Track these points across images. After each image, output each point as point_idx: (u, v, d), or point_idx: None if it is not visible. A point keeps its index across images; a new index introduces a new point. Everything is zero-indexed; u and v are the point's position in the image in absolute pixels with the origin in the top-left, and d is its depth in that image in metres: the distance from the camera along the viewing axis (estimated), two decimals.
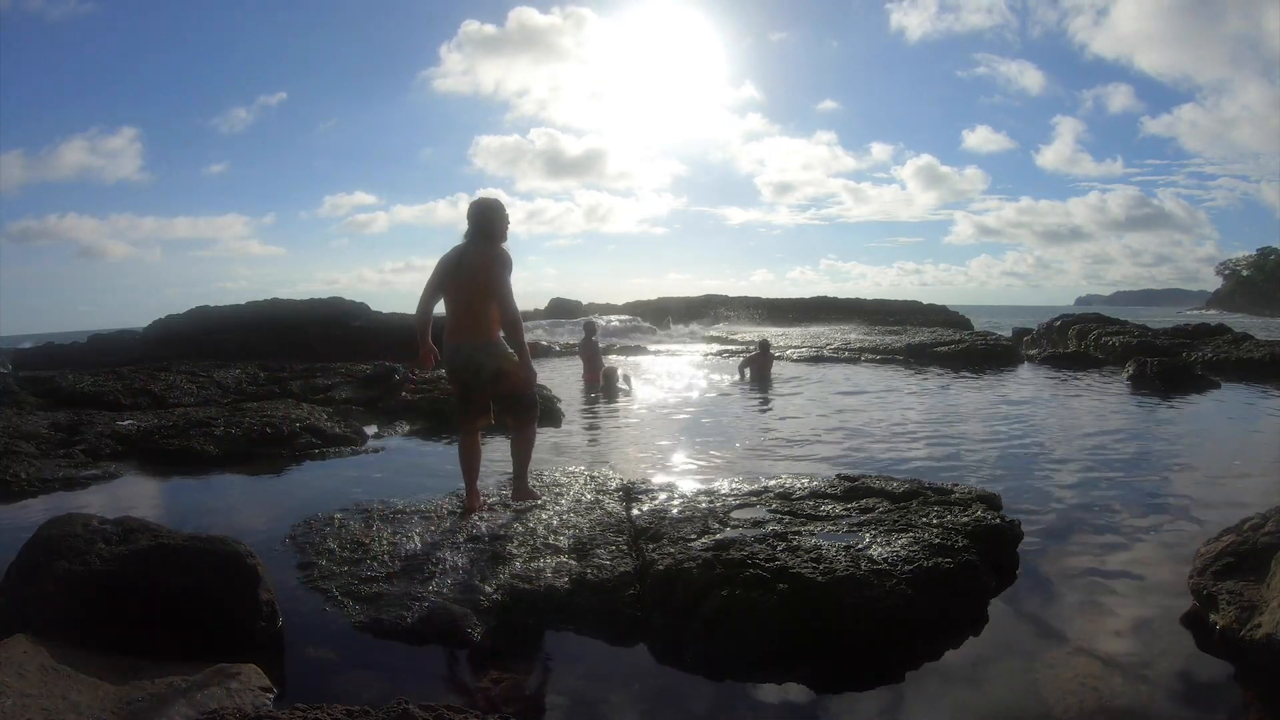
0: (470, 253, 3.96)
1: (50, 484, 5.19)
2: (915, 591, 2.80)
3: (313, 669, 2.64)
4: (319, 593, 3.14)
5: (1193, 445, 6.51)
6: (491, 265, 3.88)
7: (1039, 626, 2.91)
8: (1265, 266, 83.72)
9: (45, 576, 2.68)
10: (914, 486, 4.02)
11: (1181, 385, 10.27)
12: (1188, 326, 18.29)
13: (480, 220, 4.00)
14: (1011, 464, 5.64)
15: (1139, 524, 4.12)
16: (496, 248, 3.97)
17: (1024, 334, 20.01)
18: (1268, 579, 2.70)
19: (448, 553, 3.44)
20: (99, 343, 17.40)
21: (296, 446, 6.33)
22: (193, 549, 2.74)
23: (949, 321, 30.39)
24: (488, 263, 3.89)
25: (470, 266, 3.93)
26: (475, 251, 3.96)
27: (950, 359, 14.92)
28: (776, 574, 2.83)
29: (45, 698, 2.12)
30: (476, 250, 3.96)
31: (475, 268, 3.91)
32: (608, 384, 10.60)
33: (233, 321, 17.20)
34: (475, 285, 3.91)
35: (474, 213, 4.03)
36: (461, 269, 3.95)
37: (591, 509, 4.03)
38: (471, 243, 4.00)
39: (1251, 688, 2.45)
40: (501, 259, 3.92)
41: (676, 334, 25.62)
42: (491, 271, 3.87)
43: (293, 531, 3.86)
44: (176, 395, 8.92)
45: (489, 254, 3.92)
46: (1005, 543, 3.44)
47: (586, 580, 3.15)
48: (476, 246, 3.98)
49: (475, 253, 3.95)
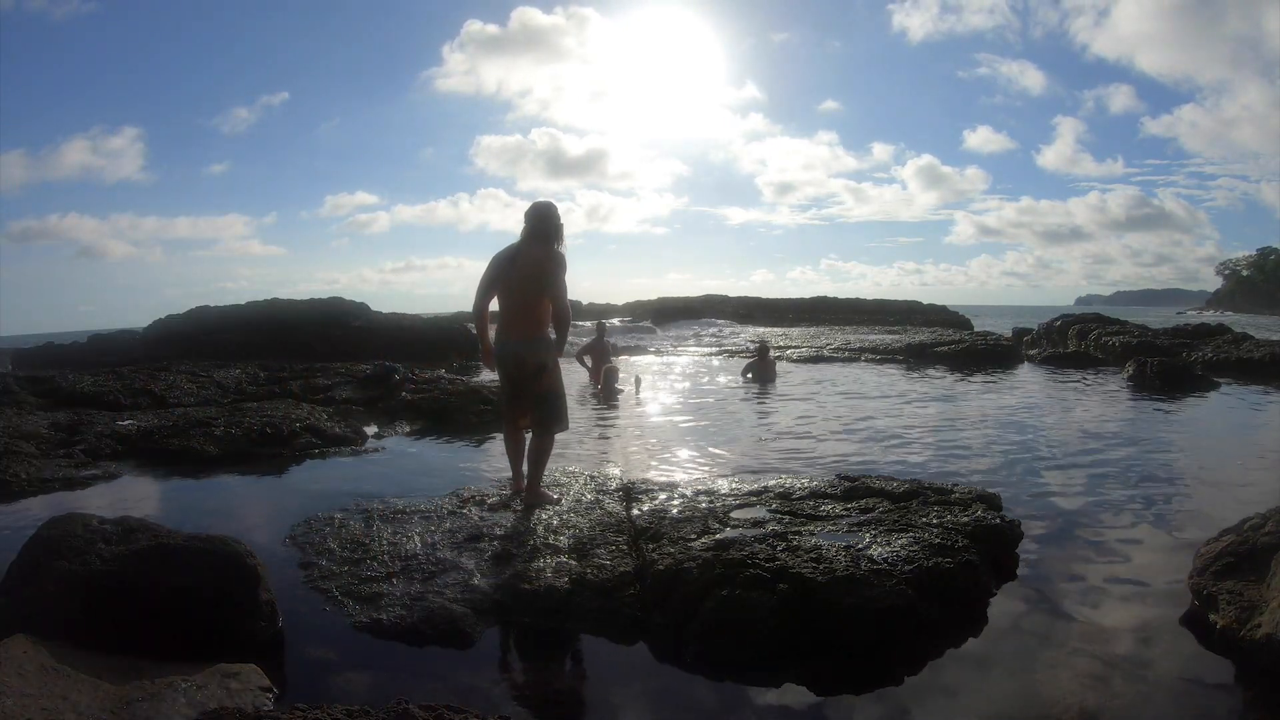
0: (525, 253, 4.12)
1: (50, 484, 5.19)
2: (915, 591, 2.80)
3: (313, 669, 2.64)
4: (319, 593, 3.14)
5: (1192, 445, 6.51)
6: (546, 264, 4.08)
7: (1039, 626, 2.91)
8: (1265, 266, 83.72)
9: (45, 576, 2.68)
10: (914, 486, 4.02)
11: (1181, 385, 10.27)
12: (1188, 326, 18.31)
13: (537, 222, 4.15)
14: (1011, 464, 5.64)
15: (1139, 524, 4.12)
16: (551, 249, 4.14)
17: (1024, 334, 20.01)
18: (1268, 579, 2.70)
19: (448, 553, 3.44)
20: (99, 343, 17.38)
21: (296, 446, 6.32)
22: (193, 549, 2.74)
23: (949, 321, 30.41)
24: (544, 262, 4.08)
25: (525, 266, 4.10)
26: (530, 252, 4.12)
27: (950, 359, 14.92)
28: (776, 574, 2.83)
29: (45, 698, 2.12)
30: (531, 251, 4.12)
31: (530, 267, 4.09)
32: (607, 384, 10.59)
33: (233, 321, 17.18)
34: (529, 284, 4.09)
35: (531, 215, 4.17)
36: (516, 268, 4.11)
37: (591, 509, 4.03)
38: (526, 243, 4.15)
39: (1251, 688, 2.45)
40: (557, 259, 4.11)
41: (676, 335, 25.64)
42: (546, 270, 4.07)
43: (293, 531, 3.87)
44: (176, 395, 8.92)
45: (545, 254, 4.11)
46: (1005, 543, 3.44)
47: (586, 580, 3.15)
48: (531, 247, 4.13)
49: (530, 253, 4.11)
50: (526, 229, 4.17)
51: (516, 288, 4.13)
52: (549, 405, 4.25)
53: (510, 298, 4.16)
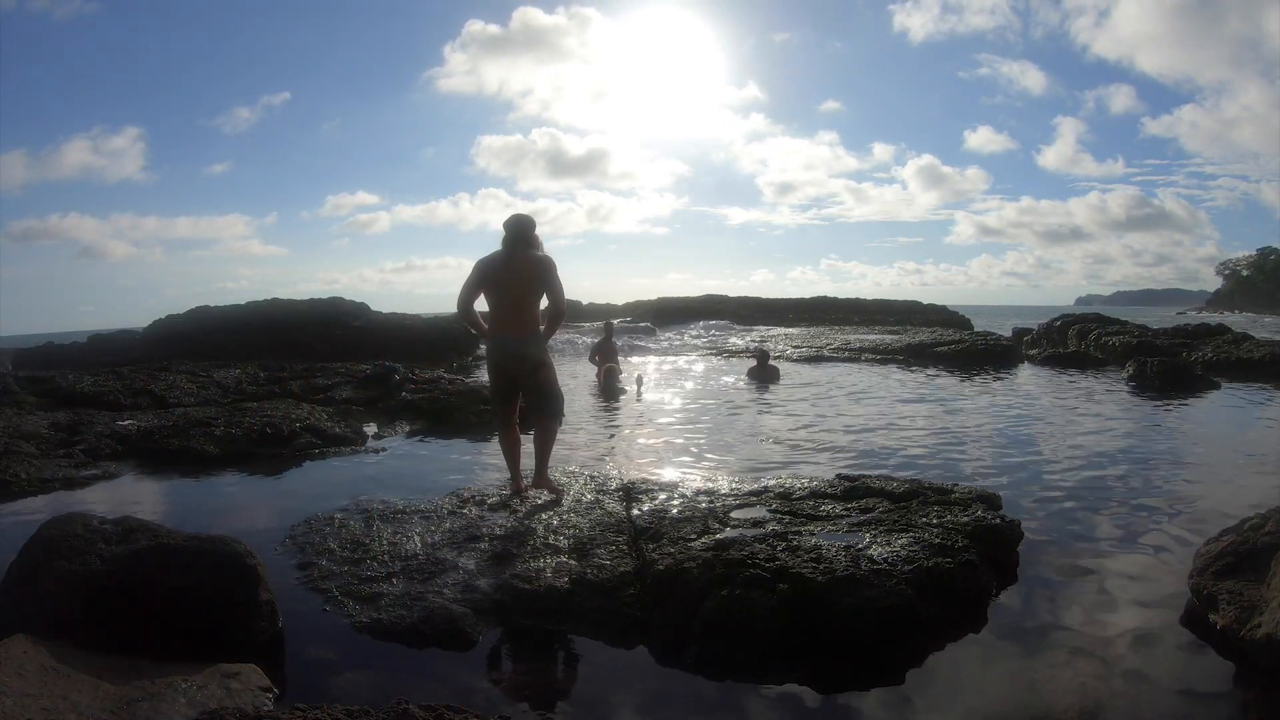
0: (518, 256, 4.36)
1: (50, 484, 5.19)
2: (915, 591, 2.80)
3: (313, 669, 2.64)
4: (319, 593, 3.14)
5: (1192, 445, 6.52)
6: (542, 263, 4.34)
7: (1039, 626, 2.91)
8: (1265, 266, 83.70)
9: (45, 576, 2.68)
10: (914, 486, 4.02)
11: (1181, 385, 10.27)
12: (1188, 326, 18.29)
13: (520, 230, 4.41)
14: (1011, 464, 5.64)
15: (1139, 524, 4.12)
16: (539, 252, 4.43)
17: (1024, 334, 20.00)
18: (1268, 579, 2.70)
19: (448, 552, 3.44)
20: (99, 343, 17.35)
21: (296, 446, 6.33)
22: (193, 549, 2.74)
23: (949, 321, 30.38)
24: (538, 263, 4.34)
25: (520, 266, 4.33)
26: (522, 255, 4.36)
27: (950, 359, 14.91)
28: (776, 574, 2.83)
29: (45, 698, 2.12)
30: (523, 254, 4.36)
31: (526, 267, 4.33)
32: (608, 383, 10.59)
33: (233, 321, 17.16)
34: (525, 283, 4.33)
35: (511, 224, 4.43)
36: (511, 268, 4.34)
37: (591, 509, 4.03)
38: (514, 249, 4.38)
39: (1251, 688, 2.45)
40: (549, 261, 4.38)
41: (676, 335, 25.62)
42: (543, 268, 4.33)
43: (293, 531, 3.86)
44: (176, 395, 8.92)
45: (536, 257, 4.37)
46: (1005, 543, 3.44)
47: (586, 580, 3.15)
48: (520, 251, 4.37)
49: (522, 256, 4.36)
50: (508, 236, 4.41)
51: (513, 287, 4.33)
52: (548, 395, 4.46)
53: (507, 296, 4.36)
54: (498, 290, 4.38)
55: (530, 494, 4.37)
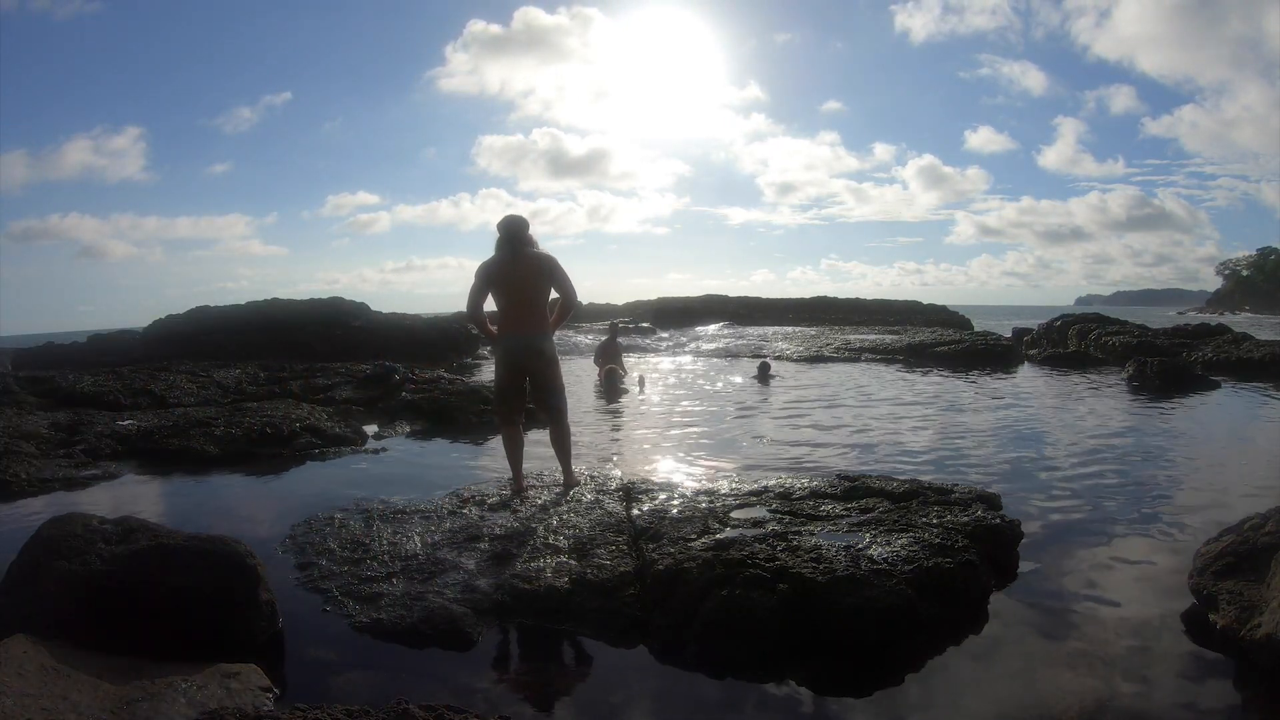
0: (522, 257, 4.41)
1: (50, 484, 5.19)
2: (915, 591, 2.80)
3: (313, 669, 2.64)
4: (319, 593, 3.14)
5: (1192, 445, 6.51)
6: (546, 261, 4.43)
7: (1039, 626, 2.91)
8: (1265, 266, 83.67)
9: (45, 576, 2.68)
10: (914, 486, 4.02)
11: (1181, 385, 10.26)
12: (1188, 326, 18.29)
13: (515, 230, 4.45)
14: (1011, 464, 5.64)
15: (1139, 524, 4.12)
16: (540, 251, 4.48)
17: (1024, 334, 19.99)
18: (1268, 579, 2.70)
19: (448, 552, 3.44)
20: (99, 343, 17.36)
21: (296, 446, 6.33)
22: (193, 549, 2.74)
23: (949, 321, 30.36)
24: (543, 260, 4.42)
25: (527, 265, 4.40)
26: (527, 255, 4.42)
27: (950, 359, 14.91)
28: (776, 574, 2.83)
29: (45, 698, 2.12)
30: (527, 254, 4.41)
31: (531, 266, 4.40)
32: (609, 383, 10.59)
33: (233, 321, 17.16)
34: (534, 281, 4.40)
35: (507, 226, 4.46)
36: (517, 271, 4.40)
37: (591, 509, 4.03)
38: (516, 250, 4.42)
39: (1251, 688, 2.45)
40: (554, 259, 4.47)
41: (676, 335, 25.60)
42: (550, 265, 4.42)
43: (293, 531, 3.87)
44: (176, 395, 8.92)
45: (541, 257, 4.44)
46: (1005, 543, 3.44)
47: (586, 580, 3.15)
48: (524, 252, 4.42)
49: (527, 256, 4.42)
50: (504, 237, 4.44)
51: (522, 286, 4.39)
52: (555, 390, 4.54)
53: (518, 296, 4.40)
54: (507, 291, 4.41)
55: (530, 494, 4.37)
